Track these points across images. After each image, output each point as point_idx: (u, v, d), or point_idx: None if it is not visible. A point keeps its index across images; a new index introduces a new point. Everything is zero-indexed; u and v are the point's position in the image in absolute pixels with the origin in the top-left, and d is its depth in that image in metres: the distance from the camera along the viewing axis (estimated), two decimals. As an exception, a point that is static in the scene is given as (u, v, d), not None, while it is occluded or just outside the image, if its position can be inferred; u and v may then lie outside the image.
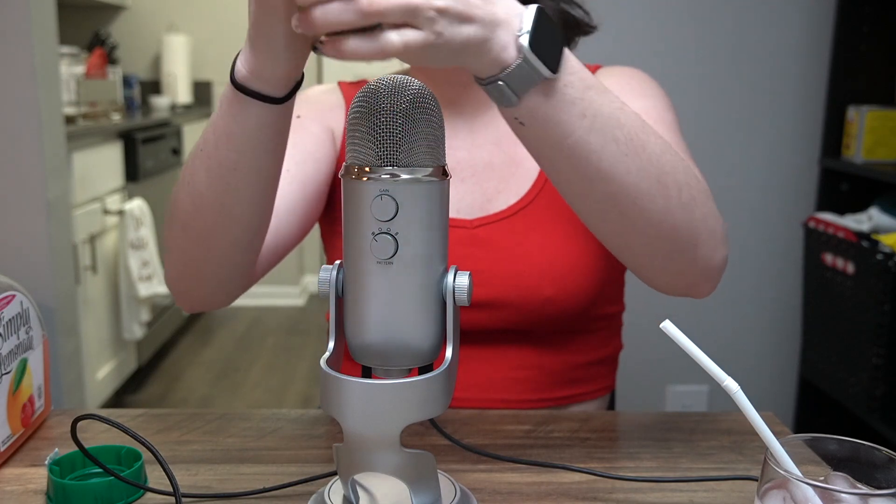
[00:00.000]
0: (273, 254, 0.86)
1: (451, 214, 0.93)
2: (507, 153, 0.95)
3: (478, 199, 0.94)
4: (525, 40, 0.58)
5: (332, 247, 1.01)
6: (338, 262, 0.61)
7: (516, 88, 0.60)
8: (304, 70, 0.65)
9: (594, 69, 0.98)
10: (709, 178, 0.92)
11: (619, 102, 0.66)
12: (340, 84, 1.02)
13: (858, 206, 2.06)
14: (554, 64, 0.60)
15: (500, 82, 0.59)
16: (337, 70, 3.97)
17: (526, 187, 0.94)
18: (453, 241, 0.92)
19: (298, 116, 0.94)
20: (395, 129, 0.56)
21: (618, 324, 1.03)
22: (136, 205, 2.88)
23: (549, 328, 0.93)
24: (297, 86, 0.66)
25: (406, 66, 1.03)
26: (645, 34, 2.09)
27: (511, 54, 0.59)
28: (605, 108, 0.64)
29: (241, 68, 0.63)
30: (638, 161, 0.66)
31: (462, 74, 0.93)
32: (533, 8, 0.59)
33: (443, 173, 0.58)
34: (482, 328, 0.92)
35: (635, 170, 0.66)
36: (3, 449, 0.73)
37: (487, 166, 0.95)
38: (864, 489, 0.53)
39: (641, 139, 0.66)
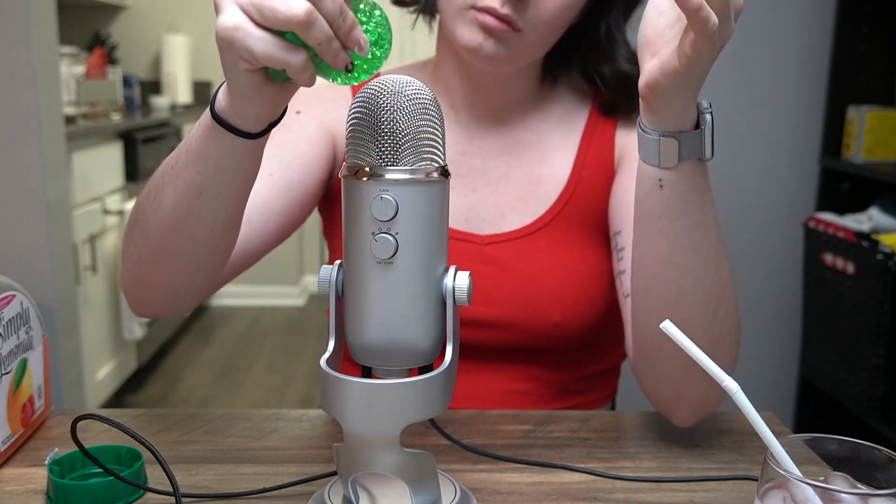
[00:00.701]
0: (242, 260, 0.83)
1: (461, 226, 0.91)
2: (526, 169, 0.93)
3: (489, 212, 0.92)
4: (709, 117, 0.66)
5: (333, 246, 0.99)
6: (338, 262, 0.61)
7: (684, 152, 0.66)
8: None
9: None
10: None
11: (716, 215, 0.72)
12: None
13: (858, 206, 2.06)
14: (713, 149, 0.67)
15: (675, 139, 0.65)
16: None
17: (543, 209, 0.91)
18: (462, 256, 0.90)
19: (298, 112, 0.91)
20: (395, 129, 0.56)
21: (621, 334, 1.01)
22: (136, 205, 2.88)
23: (555, 348, 0.92)
24: (275, 123, 0.65)
25: (406, 64, 1.02)
26: (645, 34, 2.08)
27: (693, 119, 0.66)
28: (713, 212, 0.70)
29: (222, 101, 0.63)
30: (713, 274, 0.71)
31: (495, 81, 0.91)
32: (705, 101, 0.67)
33: (443, 173, 0.58)
34: (485, 345, 0.91)
35: (709, 281, 0.71)
36: (3, 449, 0.73)
37: (503, 178, 0.93)
38: (864, 489, 0.53)
39: (722, 259, 0.72)
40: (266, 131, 0.64)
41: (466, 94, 0.93)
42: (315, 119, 0.92)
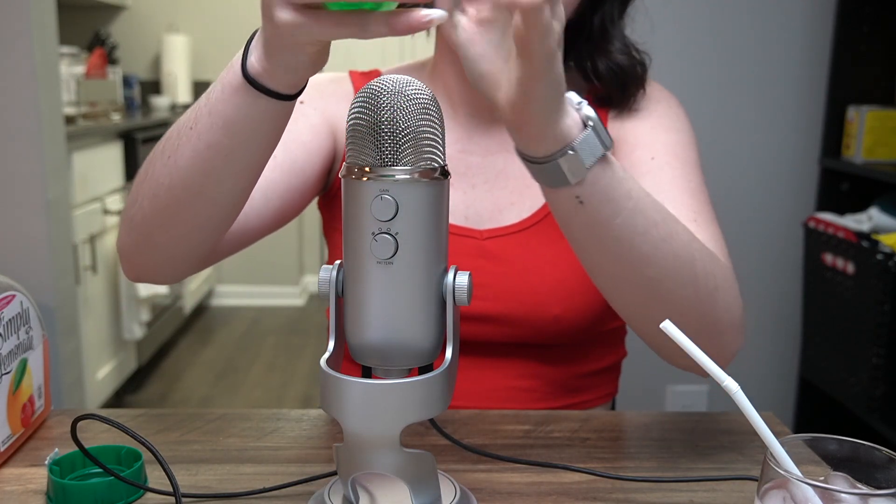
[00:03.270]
0: (239, 239, 0.83)
1: (461, 222, 0.92)
2: (522, 165, 0.94)
3: (488, 208, 0.93)
4: (590, 111, 0.61)
5: (332, 243, 0.99)
6: (338, 262, 0.61)
7: (585, 159, 0.61)
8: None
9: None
10: (709, 178, 0.92)
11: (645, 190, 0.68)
12: (351, 73, 0.98)
13: (858, 206, 2.06)
14: (608, 136, 0.62)
15: (572, 151, 0.60)
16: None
17: (540, 203, 0.92)
18: (462, 251, 0.90)
19: (301, 102, 0.90)
20: (395, 128, 0.56)
21: (623, 332, 1.02)
22: (136, 205, 2.87)
23: (555, 343, 0.92)
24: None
25: (405, 64, 1.02)
26: (644, 34, 2.08)
27: (577, 125, 0.61)
28: (641, 192, 0.66)
29: (256, 64, 0.61)
30: (674, 246, 0.67)
31: None
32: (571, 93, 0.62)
33: (443, 173, 0.58)
34: (486, 341, 0.91)
35: (672, 256, 0.67)
36: (3, 449, 0.73)
37: (501, 175, 0.93)
38: (864, 489, 0.53)
39: (673, 226, 0.68)
40: (301, 91, 0.64)
41: (465, 94, 0.93)
42: (317, 110, 0.92)
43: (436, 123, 0.58)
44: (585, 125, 0.61)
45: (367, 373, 0.62)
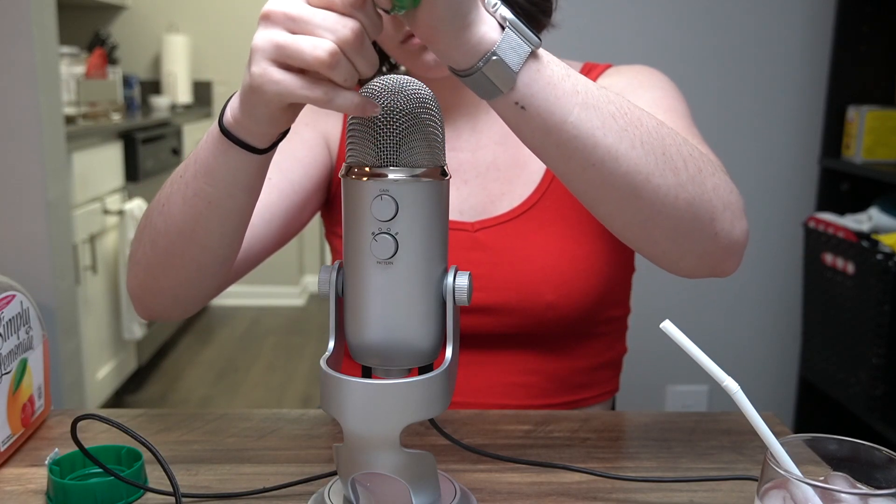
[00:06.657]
0: (244, 264, 0.85)
1: (454, 217, 0.92)
2: (511, 154, 0.94)
3: (481, 201, 0.93)
4: (506, 12, 0.57)
5: (334, 248, 1.00)
6: (338, 261, 0.61)
7: (511, 62, 0.57)
8: None
9: (604, 68, 0.96)
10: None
11: (597, 84, 0.64)
12: None
13: (858, 206, 2.06)
14: (535, 33, 0.58)
15: (495, 57, 0.56)
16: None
17: (530, 189, 0.92)
18: (454, 244, 0.91)
19: None
20: (395, 128, 0.56)
21: (623, 327, 1.02)
22: (137, 205, 2.88)
23: (552, 333, 0.92)
24: (282, 136, 0.65)
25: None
26: (644, 34, 2.09)
27: (495, 28, 0.57)
28: (590, 85, 0.62)
29: (229, 115, 0.64)
30: (639, 135, 0.63)
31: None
32: None
33: (442, 173, 0.58)
34: (483, 332, 0.91)
35: (639, 144, 0.63)
36: (3, 449, 0.73)
37: (492, 167, 0.94)
38: (864, 489, 0.53)
39: (635, 114, 0.64)
40: (274, 146, 0.66)
41: (442, 99, 0.94)
42: (309, 125, 0.95)
43: (436, 122, 0.58)
44: (503, 27, 0.57)
45: (367, 373, 0.62)
